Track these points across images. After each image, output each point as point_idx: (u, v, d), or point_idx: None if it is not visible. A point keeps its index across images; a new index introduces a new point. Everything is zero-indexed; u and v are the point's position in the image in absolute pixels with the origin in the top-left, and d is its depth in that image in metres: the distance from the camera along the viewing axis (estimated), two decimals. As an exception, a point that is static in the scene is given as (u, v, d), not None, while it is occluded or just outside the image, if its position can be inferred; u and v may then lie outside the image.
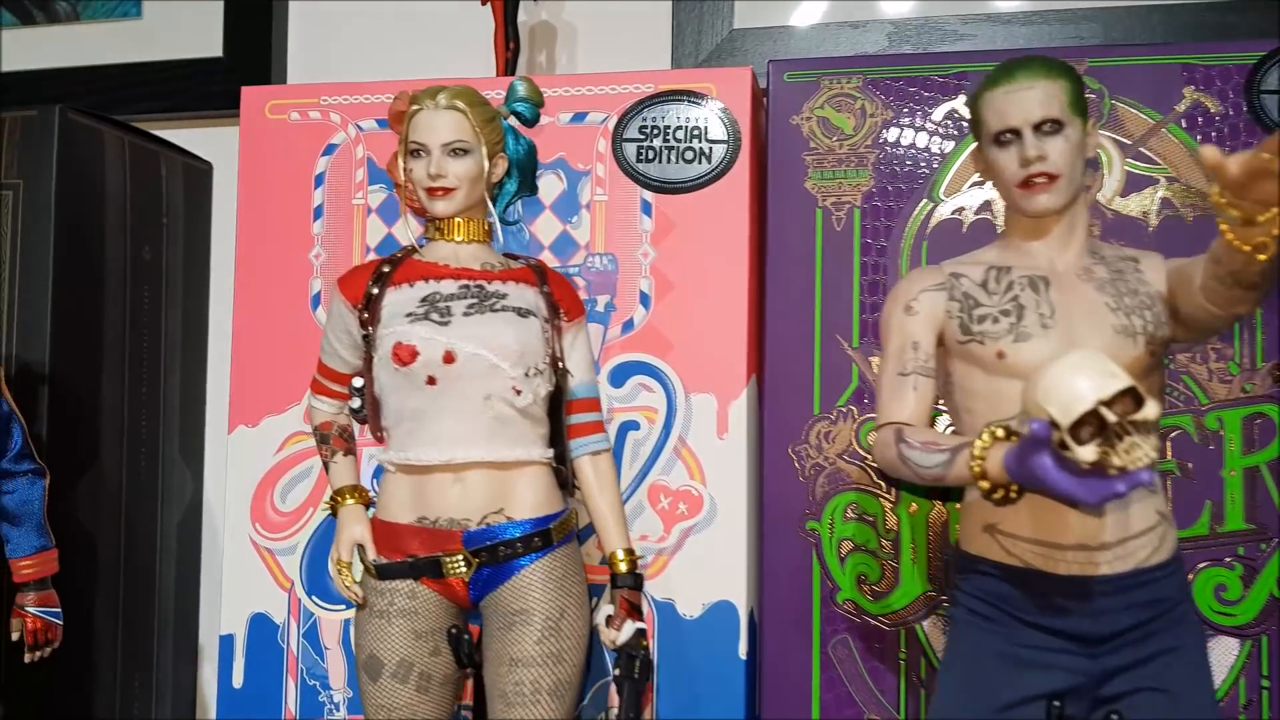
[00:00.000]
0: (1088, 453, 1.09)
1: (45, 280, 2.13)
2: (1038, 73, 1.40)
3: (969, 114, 1.50)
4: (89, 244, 2.23)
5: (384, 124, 1.99)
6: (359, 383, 1.74)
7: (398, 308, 1.63)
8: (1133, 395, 1.10)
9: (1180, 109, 1.78)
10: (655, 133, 1.93)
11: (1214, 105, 1.77)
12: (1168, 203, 1.78)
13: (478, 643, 1.67)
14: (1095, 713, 1.38)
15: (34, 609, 1.88)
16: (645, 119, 1.93)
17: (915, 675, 1.78)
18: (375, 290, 1.65)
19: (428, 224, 1.71)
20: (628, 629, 1.62)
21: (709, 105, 1.91)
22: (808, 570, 1.83)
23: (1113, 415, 1.09)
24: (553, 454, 1.68)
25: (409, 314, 1.62)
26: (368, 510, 1.72)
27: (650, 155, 1.92)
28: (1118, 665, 1.36)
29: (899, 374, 1.45)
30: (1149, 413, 1.10)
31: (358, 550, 1.68)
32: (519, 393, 1.61)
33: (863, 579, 1.81)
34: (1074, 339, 1.38)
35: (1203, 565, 1.70)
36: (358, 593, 1.66)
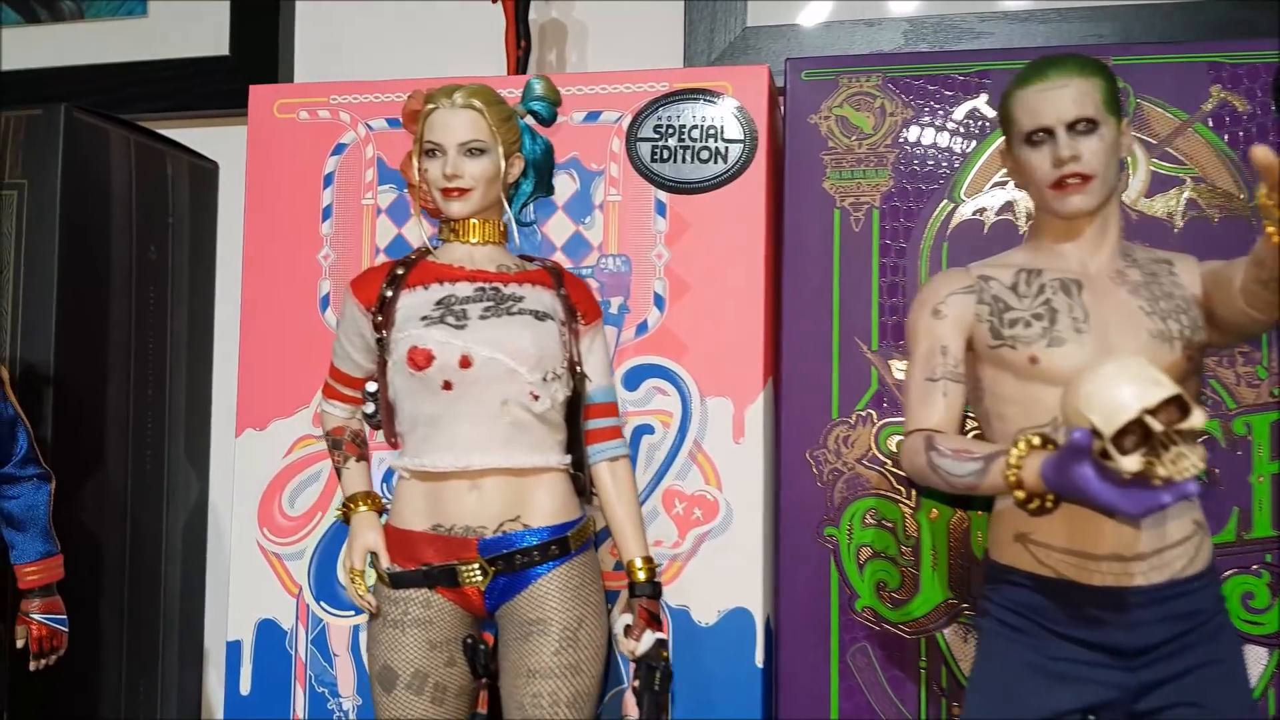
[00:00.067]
0: (1131, 463, 1.06)
1: (50, 280, 2.10)
2: (1071, 70, 1.36)
3: (998, 112, 1.47)
4: (94, 244, 2.20)
5: (394, 123, 1.96)
6: (373, 387, 1.71)
7: (412, 311, 1.60)
8: (1178, 403, 1.07)
9: (1207, 108, 1.75)
10: (670, 132, 1.90)
11: (1242, 105, 1.74)
12: (1193, 204, 1.74)
13: (493, 651, 1.64)
14: (1130, 728, 1.35)
15: (39, 616, 1.85)
16: (660, 118, 1.90)
17: (936, 684, 1.75)
18: (389, 293, 1.62)
19: (442, 225, 1.68)
20: (647, 639, 1.59)
21: (725, 104, 1.88)
22: (826, 577, 1.80)
23: (1158, 424, 1.06)
24: (570, 460, 1.65)
25: (424, 317, 1.59)
26: (380, 517, 1.70)
27: (665, 155, 1.89)
28: (1154, 679, 1.32)
29: (927, 379, 1.42)
30: (1195, 421, 1.07)
31: (371, 558, 1.64)
32: (536, 398, 1.58)
33: (882, 586, 1.78)
34: (1109, 344, 1.34)
35: (1230, 573, 1.67)
36: (371, 602, 1.63)
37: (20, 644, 1.86)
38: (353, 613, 1.92)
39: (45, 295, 2.10)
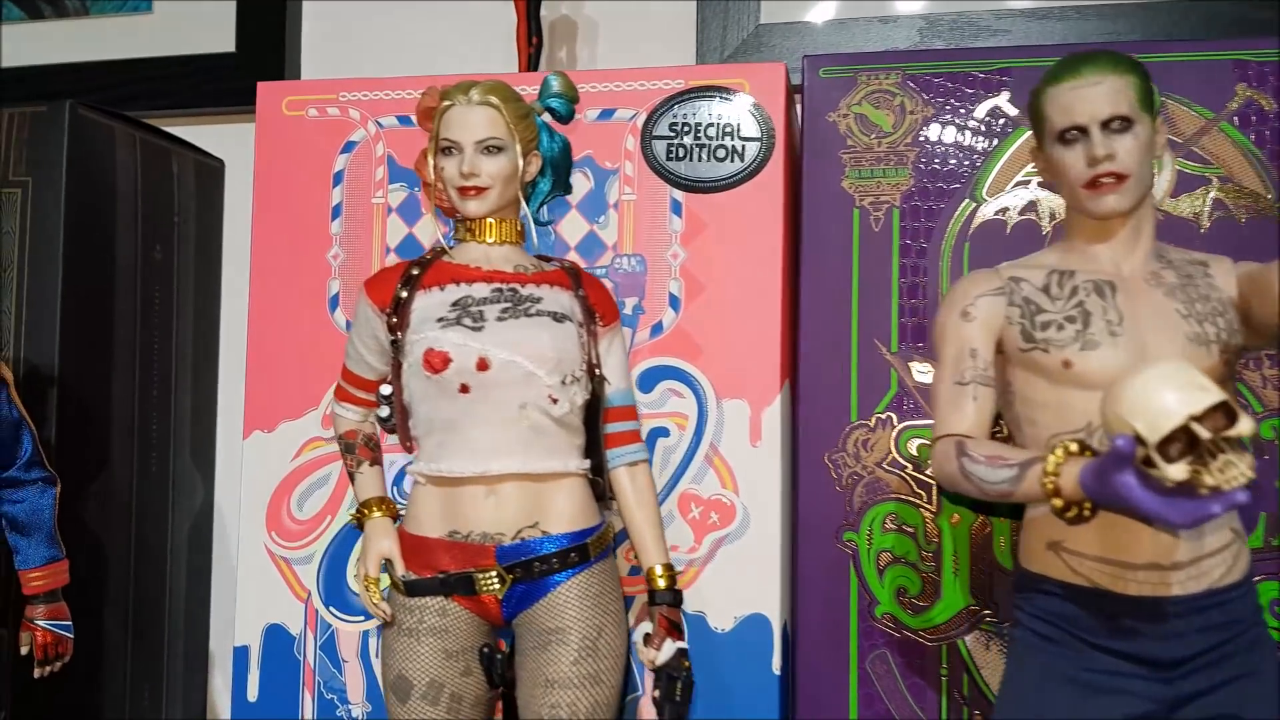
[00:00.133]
0: (1177, 471, 1.03)
1: (54, 280, 2.07)
2: (1105, 67, 1.33)
3: (1028, 110, 1.44)
4: (99, 243, 2.17)
5: (405, 120, 1.93)
6: (387, 390, 1.67)
7: (428, 312, 1.57)
8: (1224, 410, 1.04)
9: (1233, 106, 1.72)
10: (686, 130, 1.87)
11: (1268, 103, 1.71)
12: (1220, 203, 1.71)
13: (508, 660, 1.60)
14: (1168, 741, 1.32)
15: (44, 622, 1.81)
16: (675, 115, 1.87)
17: (958, 692, 1.72)
18: (404, 293, 1.58)
19: (458, 224, 1.65)
20: (668, 649, 1.56)
21: (741, 101, 1.85)
22: (844, 583, 1.77)
23: (1205, 431, 1.03)
24: (589, 465, 1.62)
25: (440, 319, 1.55)
26: (395, 523, 1.66)
27: (680, 153, 1.86)
28: (1192, 691, 1.29)
29: (957, 383, 1.39)
30: (1243, 428, 1.04)
31: (386, 565, 1.61)
32: (555, 401, 1.54)
33: (902, 592, 1.75)
34: (1144, 347, 1.31)
35: (1257, 579, 1.63)
36: (386, 610, 1.60)
37: (25, 651, 1.82)
38: (362, 618, 1.89)
39: (49, 295, 2.06)
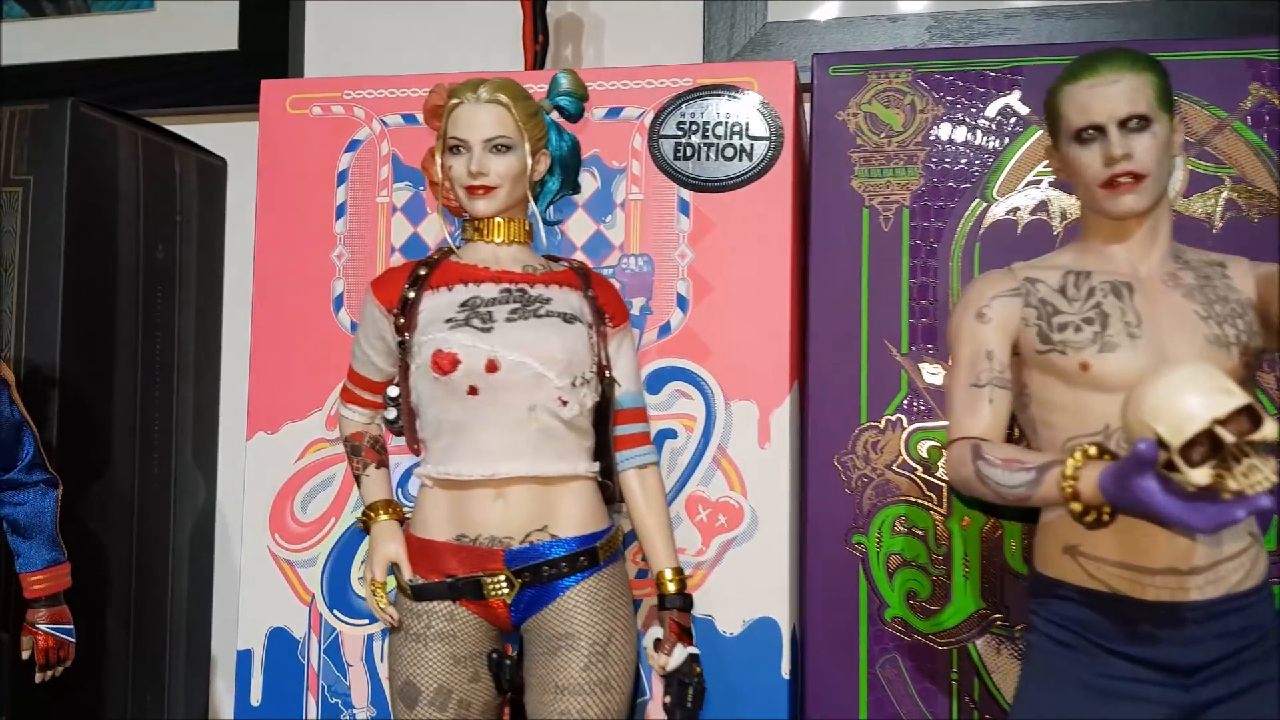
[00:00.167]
0: (1201, 475, 1.02)
1: (55, 280, 2.05)
2: (1123, 65, 1.32)
3: (1044, 108, 1.42)
4: (100, 243, 2.15)
5: (410, 119, 1.92)
6: (394, 392, 1.66)
7: (436, 313, 1.55)
8: (1248, 413, 1.03)
9: (1246, 106, 1.70)
10: (694, 129, 1.85)
11: (1282, 102, 1.69)
12: (1232, 204, 1.70)
13: (516, 665, 1.59)
14: (1186, 748, 1.30)
15: (45, 626, 1.79)
16: (683, 114, 1.85)
17: (968, 696, 1.71)
18: (412, 294, 1.56)
19: (465, 224, 1.63)
20: (679, 654, 1.54)
21: (750, 100, 1.83)
22: (854, 586, 1.76)
23: (1229, 435, 1.01)
24: (598, 468, 1.60)
25: (449, 320, 1.54)
26: (401, 526, 1.64)
27: (688, 152, 1.85)
28: (1211, 698, 1.28)
29: (972, 385, 1.37)
30: (1268, 432, 1.02)
31: (392, 569, 1.59)
32: (565, 403, 1.53)
33: (912, 595, 1.74)
34: (1163, 349, 1.30)
35: (1274, 583, 1.62)
36: (393, 615, 1.58)
37: (26, 655, 1.80)
38: (367, 621, 1.88)
39: (50, 295, 2.04)
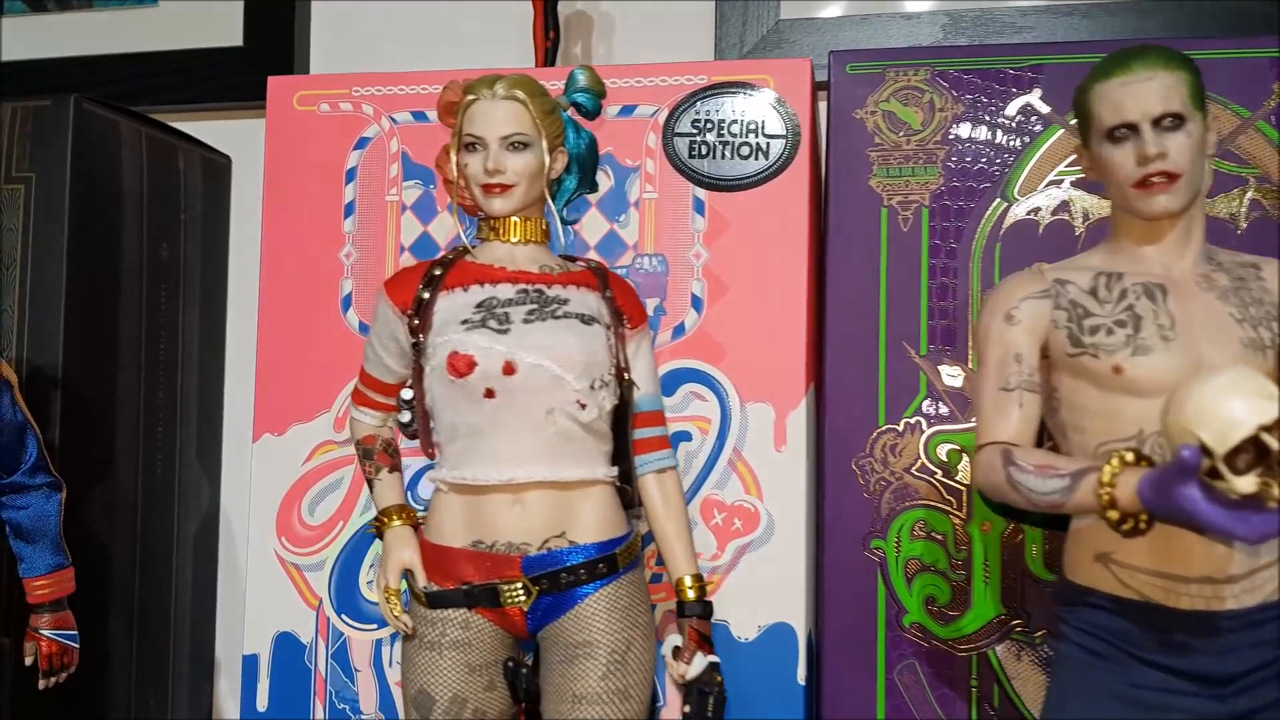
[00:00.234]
0: (1246, 484, 0.99)
1: (58, 279, 2.01)
2: (1156, 63, 1.29)
3: (1074, 106, 1.39)
4: (104, 241, 2.12)
5: (420, 116, 1.89)
6: (409, 394, 1.62)
7: (452, 314, 1.52)
8: (1295, 419, 1.00)
9: (1270, 105, 1.68)
10: (709, 127, 1.82)
11: (1308, 101, 1.67)
12: (1256, 204, 1.67)
13: (532, 673, 1.56)
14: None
15: (49, 632, 1.76)
16: (698, 112, 1.83)
17: (988, 704, 1.68)
18: (426, 294, 1.53)
19: (481, 223, 1.60)
20: (699, 662, 1.51)
21: (765, 98, 1.81)
22: (871, 591, 1.73)
23: (1275, 442, 0.99)
24: (617, 472, 1.57)
25: (465, 321, 1.51)
26: (415, 531, 1.61)
27: (703, 150, 1.82)
28: (1247, 708, 1.25)
29: (1002, 389, 1.34)
30: (1316, 438, 1.00)
31: (406, 576, 1.56)
32: (583, 406, 1.49)
33: (931, 601, 1.71)
34: (1198, 352, 1.27)
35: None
36: (407, 622, 1.55)
37: (29, 661, 1.77)
38: (375, 626, 1.85)
39: (53, 294, 2.01)
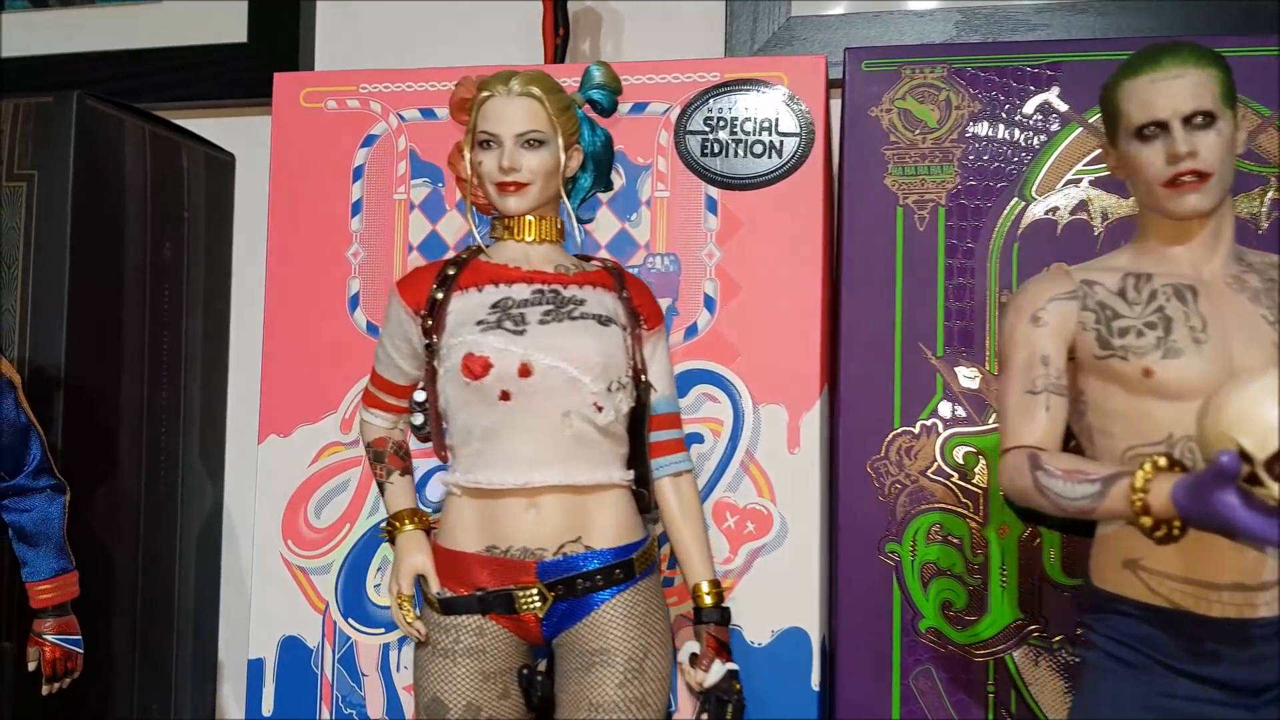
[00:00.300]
0: (1288, 491, 0.97)
1: (60, 278, 1.99)
2: (1187, 60, 1.27)
3: (1101, 105, 1.37)
4: (106, 240, 2.09)
5: (429, 114, 1.86)
6: (421, 396, 1.60)
7: (466, 314, 1.49)
8: (1339, 424, 0.98)
9: (1292, 103, 1.66)
10: (721, 124, 1.80)
11: (1331, 99, 1.65)
12: (1278, 204, 1.65)
13: (548, 680, 1.53)
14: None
15: (53, 637, 1.73)
16: (711, 110, 1.80)
17: (1005, 710, 1.66)
18: (440, 295, 1.51)
19: (495, 222, 1.58)
20: (717, 670, 1.49)
21: (779, 95, 1.78)
22: (887, 596, 1.71)
23: (1318, 448, 0.97)
24: (633, 475, 1.54)
25: (479, 321, 1.48)
26: (428, 536, 1.59)
27: (716, 148, 1.79)
28: (1276, 719, 1.23)
29: (1028, 392, 1.32)
30: (1359, 445, 0.97)
31: (419, 582, 1.54)
32: (600, 409, 1.47)
33: (947, 606, 1.69)
34: (1230, 355, 1.25)
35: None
36: (420, 629, 1.52)
37: (32, 667, 1.74)
38: (383, 630, 1.82)
39: (55, 293, 1.99)
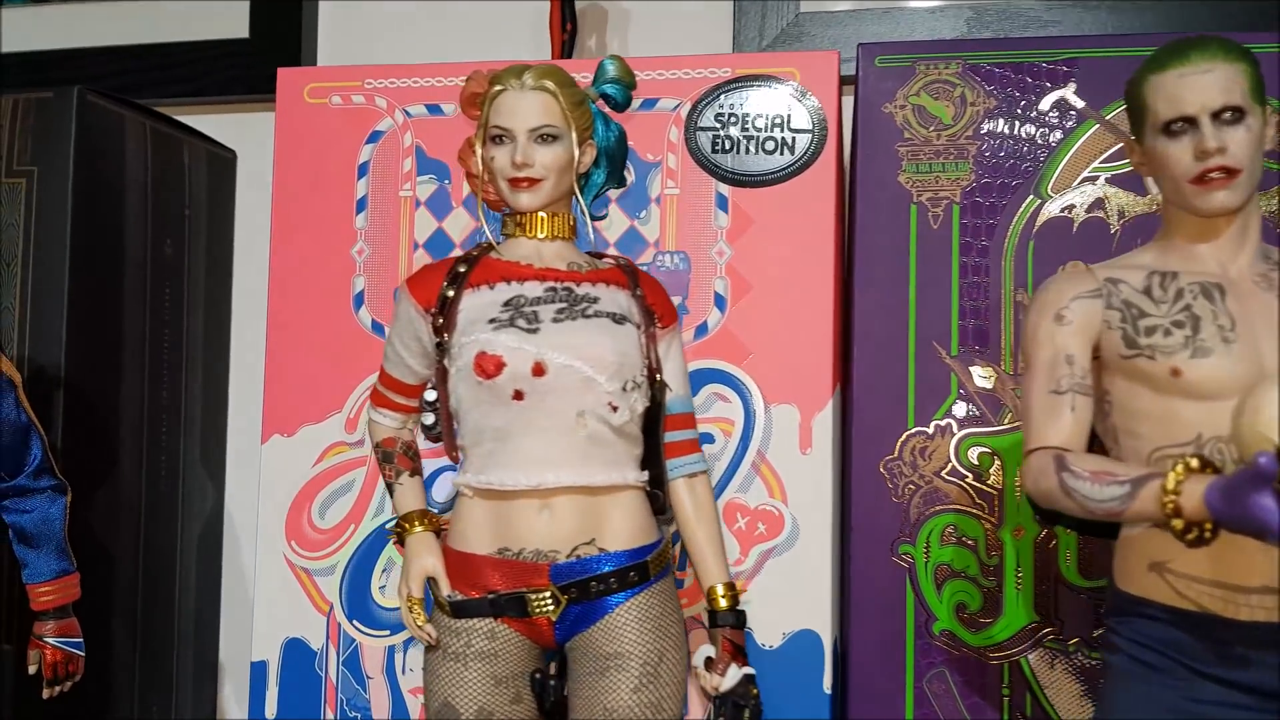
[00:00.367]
0: (1326, 493, 0.95)
1: (60, 275, 1.96)
2: (1216, 54, 1.25)
3: (1126, 100, 1.35)
4: (107, 237, 2.06)
5: (435, 110, 1.84)
6: (432, 396, 1.57)
7: (478, 313, 1.47)
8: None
9: (1311, 99, 1.64)
10: (732, 121, 1.78)
11: (1351, 95, 1.63)
12: (1292, 201, 1.63)
13: (560, 684, 1.51)
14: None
15: (54, 640, 1.71)
16: (721, 106, 1.78)
17: (1020, 713, 1.64)
18: (451, 292, 1.48)
19: (506, 219, 1.55)
20: (733, 674, 1.46)
21: (791, 91, 1.76)
22: (900, 598, 1.68)
23: (1356, 449, 0.95)
24: (647, 476, 1.52)
25: (492, 320, 1.46)
26: (438, 537, 1.56)
27: (727, 145, 1.77)
28: (1307, 724, 1.22)
29: (1052, 392, 1.30)
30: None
31: (429, 585, 1.52)
32: (615, 409, 1.44)
33: (962, 608, 1.67)
34: (1259, 355, 1.23)
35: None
36: (431, 633, 1.50)
37: (33, 670, 1.72)
38: (388, 632, 1.80)
39: (55, 291, 1.96)
